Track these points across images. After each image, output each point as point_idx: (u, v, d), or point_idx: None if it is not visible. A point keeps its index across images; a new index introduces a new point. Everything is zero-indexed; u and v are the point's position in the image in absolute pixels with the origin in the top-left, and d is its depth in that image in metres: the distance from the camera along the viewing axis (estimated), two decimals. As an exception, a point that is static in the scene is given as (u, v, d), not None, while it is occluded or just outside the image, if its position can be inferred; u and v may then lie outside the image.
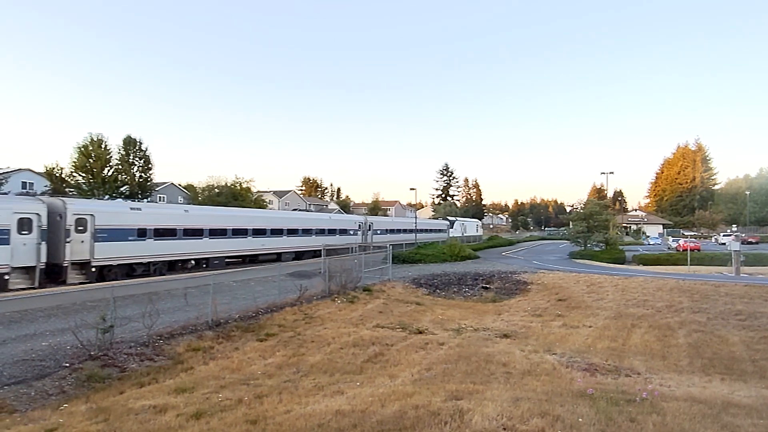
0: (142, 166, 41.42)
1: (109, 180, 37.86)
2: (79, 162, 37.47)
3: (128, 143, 41.16)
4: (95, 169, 37.49)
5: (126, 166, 40.10)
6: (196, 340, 11.79)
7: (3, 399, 7.63)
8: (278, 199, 78.38)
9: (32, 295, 13.73)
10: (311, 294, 18.02)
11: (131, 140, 41.40)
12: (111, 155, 39.14)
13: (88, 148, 37.71)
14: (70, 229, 20.10)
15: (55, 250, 19.67)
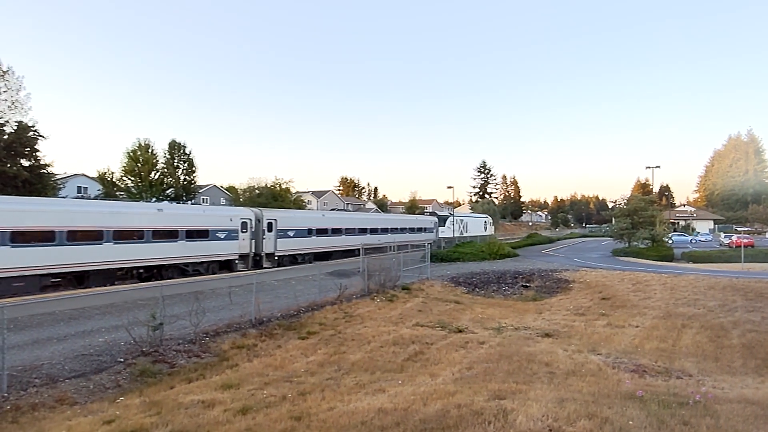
0: (186, 169, 42.89)
1: (155, 183, 39.42)
2: (128, 166, 39.26)
3: (173, 147, 42.72)
4: (143, 172, 39.14)
5: (171, 169, 41.63)
6: (240, 337, 12.10)
7: (65, 392, 8.07)
8: (317, 199, 79.42)
9: (88, 294, 14.48)
10: (351, 293, 18.18)
11: (176, 144, 42.95)
12: (157, 159, 40.76)
13: (136, 152, 39.47)
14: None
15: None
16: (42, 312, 12.98)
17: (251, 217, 27.27)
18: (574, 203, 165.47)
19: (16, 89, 25.38)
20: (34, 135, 24.38)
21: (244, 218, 26.75)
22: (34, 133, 24.37)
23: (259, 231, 27.64)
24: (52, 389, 8.11)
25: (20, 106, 25.36)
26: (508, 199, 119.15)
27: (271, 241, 28.05)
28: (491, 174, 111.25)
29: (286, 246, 29.11)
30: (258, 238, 27.43)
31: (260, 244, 27.55)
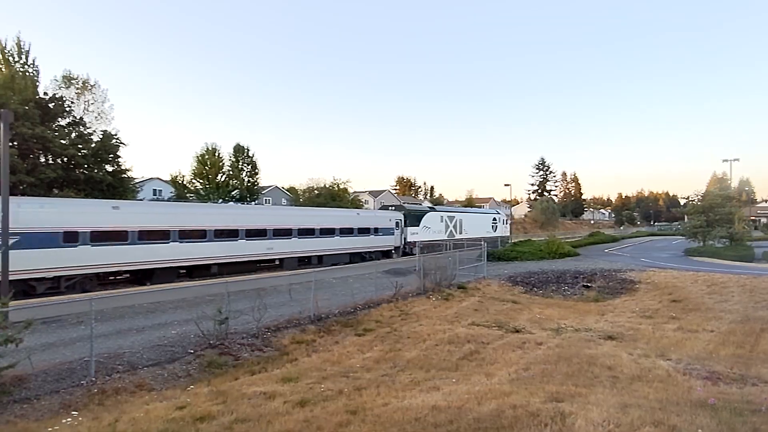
0: (249, 171, 44.72)
1: (222, 185, 41.44)
2: (197, 170, 41.62)
3: (237, 150, 44.69)
4: (210, 175, 41.30)
5: (236, 171, 43.59)
6: (299, 333, 12.47)
7: (143, 378, 8.69)
8: (374, 198, 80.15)
9: (163, 289, 15.45)
10: (406, 291, 18.23)
11: (240, 148, 44.90)
12: (223, 162, 42.84)
13: (204, 156, 41.74)
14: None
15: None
16: (124, 305, 14.02)
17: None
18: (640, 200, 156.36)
19: (102, 101, 27.90)
20: (117, 143, 26.47)
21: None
22: (116, 141, 26.46)
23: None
24: (133, 376, 8.76)
25: (105, 117, 27.89)
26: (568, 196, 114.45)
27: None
28: (550, 171, 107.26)
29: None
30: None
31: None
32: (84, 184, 24.93)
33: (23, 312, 8.83)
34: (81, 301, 10.64)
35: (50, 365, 8.66)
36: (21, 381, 7.82)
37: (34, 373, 8.17)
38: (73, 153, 24.16)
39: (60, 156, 23.94)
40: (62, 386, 8.02)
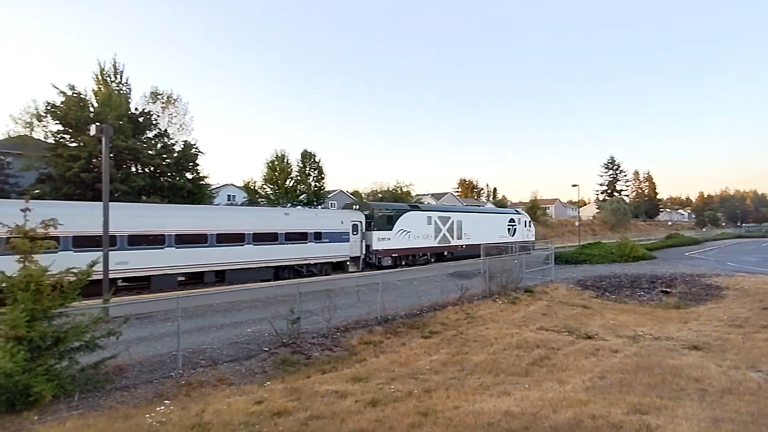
0: (316, 176, 45.96)
1: (290, 190, 42.91)
2: (267, 175, 43.40)
3: (305, 156, 46.12)
4: (279, 180, 42.89)
5: (303, 176, 44.98)
6: (367, 334, 12.62)
7: (223, 373, 9.17)
8: (436, 201, 79.75)
9: (239, 289, 16.28)
10: (472, 294, 17.95)
11: (307, 153, 46.31)
12: (291, 168, 44.38)
13: (274, 163, 43.44)
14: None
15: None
16: (205, 304, 14.89)
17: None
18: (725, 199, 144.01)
19: (183, 114, 30.22)
20: (196, 152, 28.47)
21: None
22: (195, 150, 28.47)
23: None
24: (214, 370, 9.27)
25: (186, 128, 30.17)
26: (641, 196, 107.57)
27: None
28: (620, 170, 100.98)
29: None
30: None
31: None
32: (168, 190, 26.87)
33: (121, 308, 9.65)
34: (169, 300, 11.42)
35: (144, 357, 9.38)
36: (121, 370, 8.54)
37: (131, 364, 8.89)
38: (158, 162, 26.25)
39: (148, 165, 26.06)
40: (155, 377, 8.66)
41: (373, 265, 27.50)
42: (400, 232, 29.35)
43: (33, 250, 7.27)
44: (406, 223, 29.78)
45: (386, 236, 28.34)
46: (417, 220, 30.77)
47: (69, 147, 23.77)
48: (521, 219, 42.48)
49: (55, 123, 24.78)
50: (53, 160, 23.54)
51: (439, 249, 32.80)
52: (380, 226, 28.11)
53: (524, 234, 42.38)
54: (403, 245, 29.32)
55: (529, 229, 43.67)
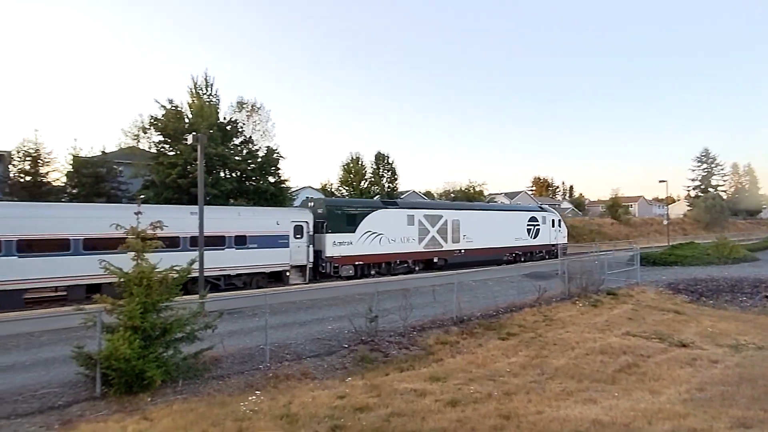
0: (389, 177, 46.59)
1: (364, 191, 43.83)
2: (343, 178, 44.75)
3: (378, 158, 46.92)
4: (354, 182, 44.00)
5: (377, 178, 45.80)
6: (443, 334, 12.57)
7: (307, 368, 9.56)
8: (509, 200, 77.57)
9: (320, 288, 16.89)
10: (550, 295, 17.29)
11: (381, 155, 47.09)
12: (365, 170, 45.36)
13: (349, 165, 44.68)
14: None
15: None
16: (289, 301, 15.57)
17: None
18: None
19: (266, 121, 32.04)
20: (277, 156, 30.00)
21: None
22: (277, 155, 29.99)
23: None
24: (298, 364, 9.70)
25: (268, 134, 31.95)
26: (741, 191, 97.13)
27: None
28: (716, 163, 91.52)
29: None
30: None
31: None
32: (253, 194, 28.55)
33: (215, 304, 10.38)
34: (257, 296, 12.16)
35: (236, 350, 10.03)
36: (216, 361, 9.21)
37: (225, 356, 9.55)
38: (244, 167, 28.00)
39: (235, 170, 27.87)
40: (245, 368, 9.23)
41: (328, 276, 22.58)
42: (367, 235, 23.82)
43: (145, 249, 8.05)
44: (374, 223, 24.19)
45: (346, 240, 23.04)
46: (391, 220, 24.93)
47: (168, 155, 26.08)
48: (548, 218, 35.04)
49: (156, 134, 27.34)
50: (155, 167, 25.91)
51: (426, 255, 26.56)
52: (337, 228, 22.87)
53: (551, 236, 34.81)
54: (371, 251, 23.89)
55: (559, 230, 35.92)
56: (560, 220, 36.31)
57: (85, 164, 26.42)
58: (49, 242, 15.91)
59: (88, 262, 15.07)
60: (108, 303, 7.80)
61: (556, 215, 36.45)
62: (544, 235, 34.23)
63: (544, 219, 34.69)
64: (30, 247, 15.64)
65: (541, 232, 34.08)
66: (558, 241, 35.26)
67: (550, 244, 34.57)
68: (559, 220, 36.23)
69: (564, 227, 36.86)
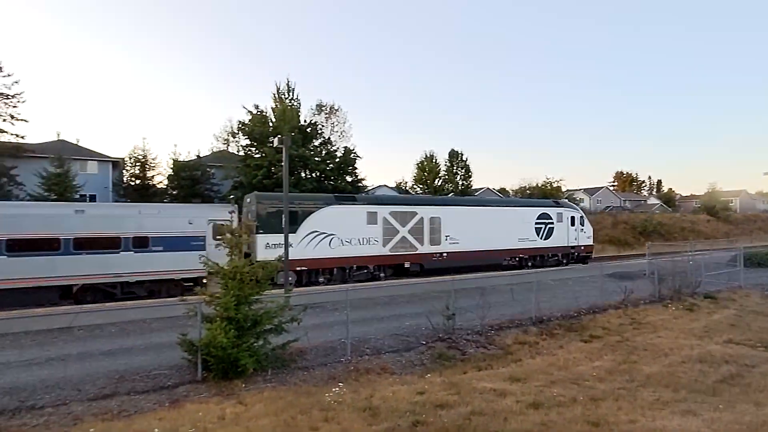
0: (463, 175, 46.04)
1: (439, 189, 43.68)
2: (417, 176, 44.96)
3: (452, 156, 46.52)
4: (428, 180, 43.97)
5: (451, 175, 45.46)
6: (521, 334, 12.19)
7: (386, 362, 9.71)
8: (589, 196, 73.33)
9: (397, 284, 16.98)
10: (636, 297, 16.13)
11: (454, 153, 46.65)
12: (439, 168, 45.18)
13: (423, 163, 44.75)
14: None
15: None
16: (368, 297, 15.83)
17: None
18: None
19: (343, 122, 33.24)
20: (354, 156, 30.88)
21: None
22: (354, 155, 30.84)
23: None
24: (377, 359, 9.87)
25: (345, 135, 33.17)
26: None
27: None
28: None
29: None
30: None
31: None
32: (331, 192, 29.59)
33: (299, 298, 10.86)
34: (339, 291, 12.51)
35: (319, 343, 10.40)
36: (301, 353, 9.62)
37: (309, 348, 9.95)
38: (323, 168, 29.16)
39: (315, 170, 29.11)
40: (328, 361, 9.56)
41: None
42: (313, 236, 20.13)
43: (238, 245, 8.61)
44: (323, 221, 20.44)
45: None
46: (347, 218, 21.02)
47: (254, 158, 27.79)
48: (565, 215, 28.87)
49: (244, 138, 29.25)
50: (243, 169, 27.71)
51: (394, 259, 22.34)
52: (272, 227, 19.15)
53: (569, 236, 28.73)
54: (317, 254, 20.13)
55: (581, 230, 29.60)
56: (582, 217, 30.32)
57: (183, 168, 28.86)
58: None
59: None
60: (207, 295, 8.44)
61: (577, 212, 30.49)
62: (559, 235, 28.16)
63: (560, 216, 28.57)
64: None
65: (556, 231, 28.06)
66: (580, 242, 29.28)
67: (569, 246, 28.49)
68: (582, 217, 30.14)
69: (588, 226, 30.55)
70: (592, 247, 30.55)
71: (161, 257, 17.13)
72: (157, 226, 17.30)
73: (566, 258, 28.37)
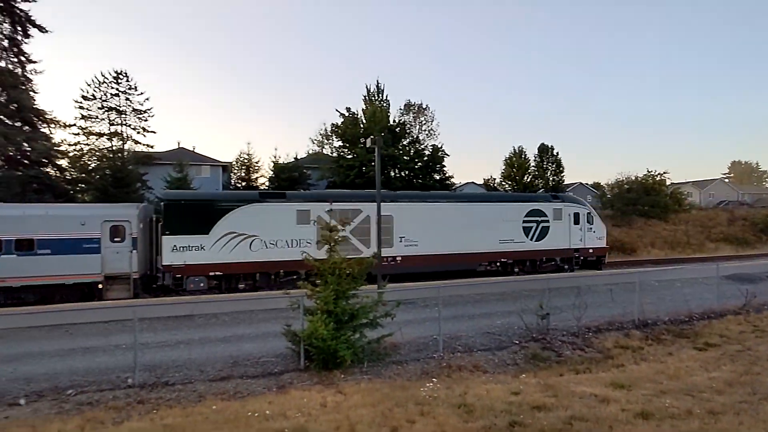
0: (554, 170, 43.80)
1: (528, 185, 42.00)
2: (506, 172, 43.56)
3: (542, 150, 44.45)
4: (517, 176, 42.42)
5: (541, 171, 43.49)
6: (623, 337, 11.37)
7: (478, 360, 9.56)
8: (699, 190, 65.91)
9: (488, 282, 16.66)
10: (761, 303, 14.26)
11: (545, 147, 44.52)
12: (529, 163, 43.42)
13: (512, 159, 43.27)
14: None
15: None
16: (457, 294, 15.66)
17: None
18: None
19: (431, 121, 33.21)
20: (442, 154, 30.76)
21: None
22: (442, 153, 30.75)
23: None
24: (469, 357, 9.75)
25: (433, 133, 33.17)
26: None
27: None
28: None
29: None
30: None
31: None
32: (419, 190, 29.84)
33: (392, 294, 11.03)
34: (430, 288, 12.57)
35: (411, 338, 10.52)
36: (395, 347, 9.81)
37: (402, 343, 10.11)
38: (412, 166, 29.48)
39: (404, 169, 29.49)
40: (421, 356, 9.63)
41: (168, 289, 17.35)
42: (229, 237, 17.76)
43: (337, 242, 9.01)
44: (242, 221, 17.97)
45: (195, 243, 17.22)
46: (272, 217, 18.41)
47: (346, 158, 28.83)
48: (566, 211, 23.70)
49: (337, 140, 30.50)
50: (336, 170, 28.91)
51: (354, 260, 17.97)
52: (180, 228, 17.15)
53: (571, 236, 23.67)
54: (235, 258, 17.76)
55: (589, 229, 24.29)
56: (590, 214, 24.74)
57: (283, 170, 30.74)
58: None
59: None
60: (309, 289, 8.92)
61: (584, 208, 24.78)
62: (557, 235, 23.34)
63: (559, 213, 23.54)
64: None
65: (552, 231, 23.26)
66: (587, 244, 24.09)
67: (571, 248, 23.60)
68: (588, 214, 24.60)
69: (600, 225, 25.03)
70: (604, 249, 25.04)
71: (49, 261, 15.68)
72: (44, 228, 15.80)
73: (568, 263, 23.62)
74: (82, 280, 16.09)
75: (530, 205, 23.27)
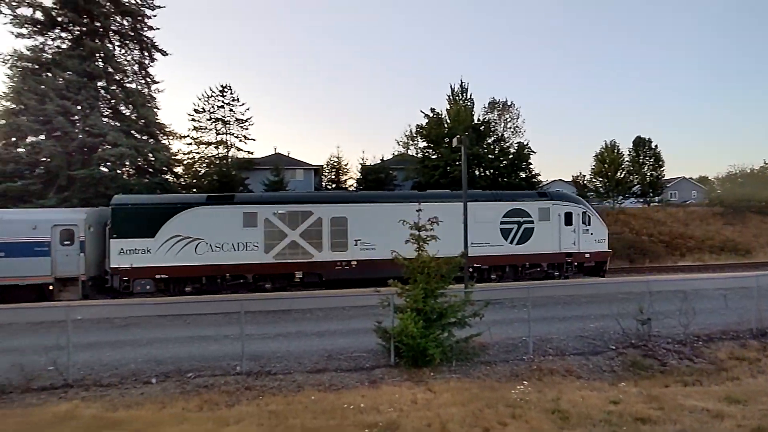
0: (652, 165, 40.15)
1: (621, 181, 38.89)
2: (596, 168, 40.58)
3: (638, 144, 40.99)
4: (609, 172, 39.38)
5: (636, 166, 40.08)
6: (738, 348, 10.21)
7: (570, 365, 9.12)
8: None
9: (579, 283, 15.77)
10: None
11: (641, 140, 41.03)
12: (623, 158, 40.18)
13: (603, 154, 40.25)
14: None
15: None
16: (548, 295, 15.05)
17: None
18: None
19: (516, 118, 32.01)
20: (528, 152, 29.62)
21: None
22: (527, 151, 29.62)
23: None
24: (561, 360, 9.33)
25: (519, 131, 31.94)
26: None
27: None
28: None
29: None
30: None
31: None
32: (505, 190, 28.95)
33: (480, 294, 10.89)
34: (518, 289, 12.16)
35: (499, 339, 10.29)
36: (483, 347, 9.68)
37: (491, 343, 9.93)
38: (497, 165, 28.70)
39: (488, 168, 28.82)
40: (510, 357, 9.40)
41: (116, 291, 17.38)
42: (175, 241, 17.61)
43: (426, 241, 9.12)
44: (187, 224, 17.73)
45: (141, 247, 17.31)
46: (217, 220, 17.97)
47: (431, 159, 28.84)
48: (554, 211, 20.64)
49: (422, 140, 30.62)
50: (421, 170, 29.04)
51: (280, 268, 18.34)
52: (126, 231, 17.29)
53: (562, 239, 20.54)
54: (180, 261, 17.54)
55: (585, 230, 20.93)
56: (586, 213, 21.26)
57: (370, 171, 31.53)
58: None
59: None
60: (399, 287, 9.12)
61: (579, 206, 21.33)
62: (543, 237, 20.39)
63: (545, 213, 20.56)
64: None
65: (537, 233, 20.34)
66: (582, 247, 20.76)
67: (562, 252, 20.52)
68: (584, 213, 21.15)
69: (599, 226, 21.50)
70: (605, 254, 21.42)
71: (3, 263, 16.47)
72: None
73: (558, 269, 20.61)
74: (34, 282, 16.76)
75: (510, 204, 20.53)
